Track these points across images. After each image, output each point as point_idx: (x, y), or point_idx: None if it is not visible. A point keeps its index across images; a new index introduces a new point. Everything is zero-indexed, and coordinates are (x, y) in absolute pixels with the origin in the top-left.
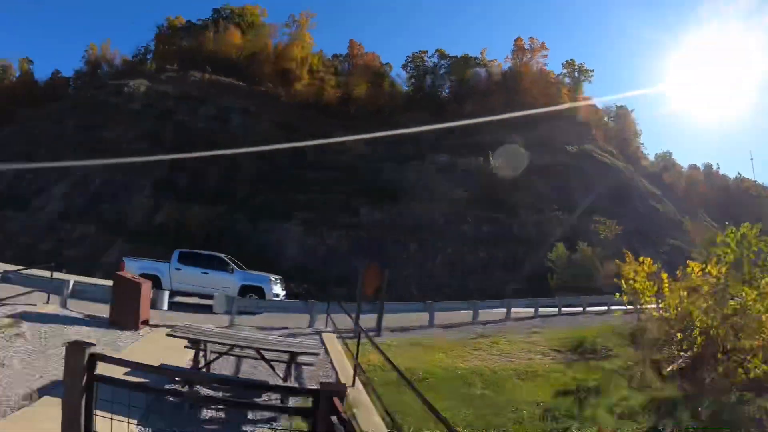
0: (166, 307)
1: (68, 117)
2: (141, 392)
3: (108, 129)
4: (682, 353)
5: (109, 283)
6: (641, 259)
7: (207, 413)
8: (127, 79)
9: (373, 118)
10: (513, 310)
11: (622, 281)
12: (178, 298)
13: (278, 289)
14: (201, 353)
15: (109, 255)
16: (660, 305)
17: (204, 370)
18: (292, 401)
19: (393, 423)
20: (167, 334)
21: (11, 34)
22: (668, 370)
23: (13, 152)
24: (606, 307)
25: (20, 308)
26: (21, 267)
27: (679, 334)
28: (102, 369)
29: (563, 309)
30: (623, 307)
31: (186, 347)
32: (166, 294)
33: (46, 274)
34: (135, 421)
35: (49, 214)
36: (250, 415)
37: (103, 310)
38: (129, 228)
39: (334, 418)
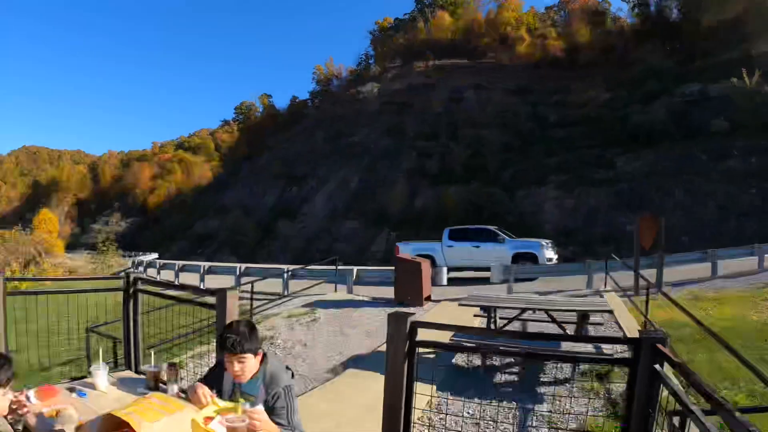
0: (445, 282)
1: (315, 132)
2: (452, 352)
3: (353, 134)
4: None
5: (385, 268)
6: None
7: (500, 378)
8: (357, 87)
9: (605, 61)
10: None
11: None
12: (452, 274)
13: (550, 253)
14: (491, 320)
15: (376, 245)
16: None
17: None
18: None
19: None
20: (460, 304)
21: (249, 79)
22: None
23: (274, 173)
24: None
25: (313, 298)
26: (305, 265)
27: None
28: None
29: None
30: None
31: (475, 315)
32: (445, 270)
33: (330, 267)
34: (434, 386)
35: (317, 218)
36: (544, 379)
37: (385, 293)
38: (391, 219)
39: (656, 367)
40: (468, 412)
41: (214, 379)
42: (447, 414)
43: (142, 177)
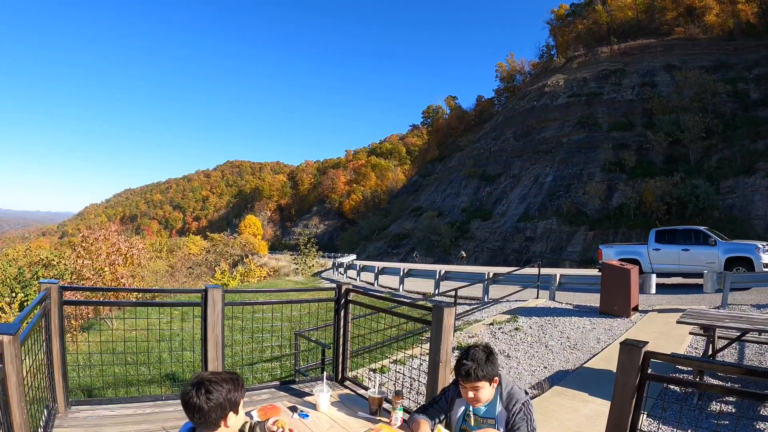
0: (653, 291)
1: (504, 130)
2: (690, 388)
3: (543, 129)
4: None
5: (587, 272)
6: None
7: (716, 406)
8: (543, 80)
9: None
10: None
11: None
12: (658, 280)
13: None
14: (710, 341)
15: (572, 245)
16: None
17: (711, 358)
18: None
19: None
20: (678, 321)
21: (431, 83)
22: None
23: (467, 174)
24: None
25: (514, 304)
26: (505, 268)
27: None
28: None
29: None
30: None
31: (691, 333)
32: (653, 277)
33: (531, 272)
34: (644, 413)
35: (511, 218)
36: (764, 411)
37: (588, 300)
38: (588, 215)
39: None
40: None
41: (445, 401)
42: None
43: (338, 182)
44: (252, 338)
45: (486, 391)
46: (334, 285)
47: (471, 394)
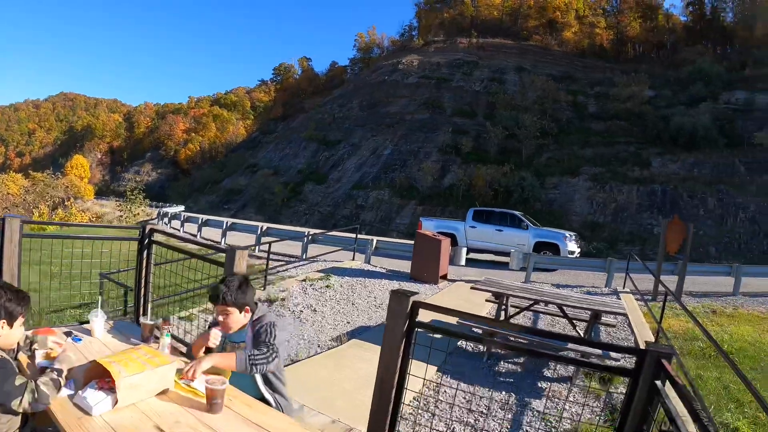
0: (463, 262)
1: (351, 99)
2: (454, 338)
3: (390, 104)
4: None
5: (405, 241)
6: None
7: (502, 367)
8: (398, 58)
9: (653, 57)
10: None
11: None
12: (472, 255)
13: (573, 246)
14: (502, 308)
15: (401, 217)
16: None
17: None
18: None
19: (695, 397)
20: (472, 287)
21: (288, 40)
22: None
23: (307, 136)
24: None
25: (330, 264)
26: (326, 230)
27: None
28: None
29: None
30: None
31: (487, 300)
32: (464, 250)
33: (351, 235)
34: (435, 367)
35: (345, 185)
36: (547, 373)
37: (402, 266)
38: (419, 191)
39: (658, 383)
40: (464, 398)
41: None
42: (441, 399)
43: (176, 130)
44: (60, 284)
45: (235, 317)
46: None
47: (221, 318)
